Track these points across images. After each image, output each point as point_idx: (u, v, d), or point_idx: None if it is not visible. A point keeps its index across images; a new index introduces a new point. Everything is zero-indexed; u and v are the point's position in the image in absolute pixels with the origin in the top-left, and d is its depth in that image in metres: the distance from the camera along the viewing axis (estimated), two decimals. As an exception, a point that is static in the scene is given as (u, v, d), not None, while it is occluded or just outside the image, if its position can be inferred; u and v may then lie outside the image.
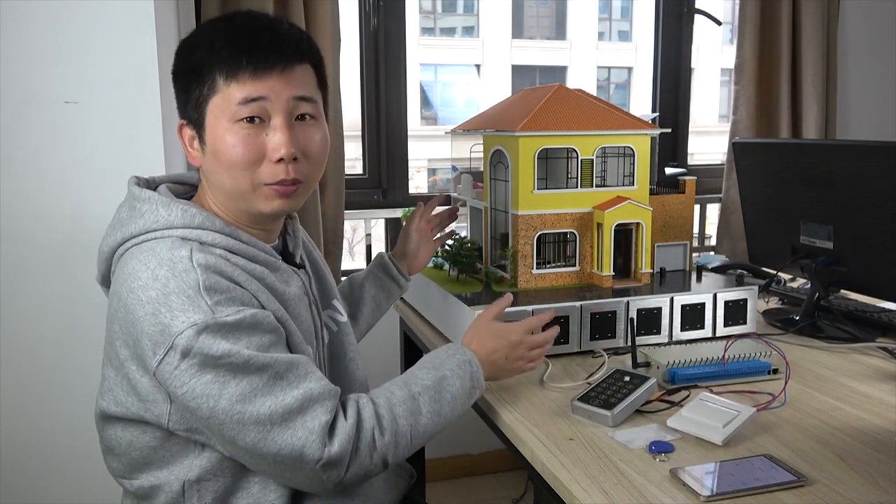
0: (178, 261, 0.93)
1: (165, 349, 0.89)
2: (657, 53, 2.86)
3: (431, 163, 10.64)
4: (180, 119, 1.05)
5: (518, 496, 2.50)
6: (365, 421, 0.97)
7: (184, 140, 1.06)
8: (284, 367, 0.93)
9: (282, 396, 0.91)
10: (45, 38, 1.68)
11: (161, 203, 1.00)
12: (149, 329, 0.90)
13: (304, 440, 0.91)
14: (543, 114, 1.45)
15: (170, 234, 0.98)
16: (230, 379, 0.89)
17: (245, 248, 1.01)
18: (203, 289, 0.91)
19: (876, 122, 2.89)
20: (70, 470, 1.81)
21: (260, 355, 0.92)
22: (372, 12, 2.46)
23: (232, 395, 0.89)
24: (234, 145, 0.99)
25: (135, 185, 1.06)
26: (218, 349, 0.89)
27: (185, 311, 0.89)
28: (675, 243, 1.62)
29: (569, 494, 0.93)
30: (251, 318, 0.93)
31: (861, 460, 0.98)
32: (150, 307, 0.90)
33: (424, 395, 1.04)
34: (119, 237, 1.01)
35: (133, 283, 0.93)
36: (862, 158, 1.43)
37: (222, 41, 0.99)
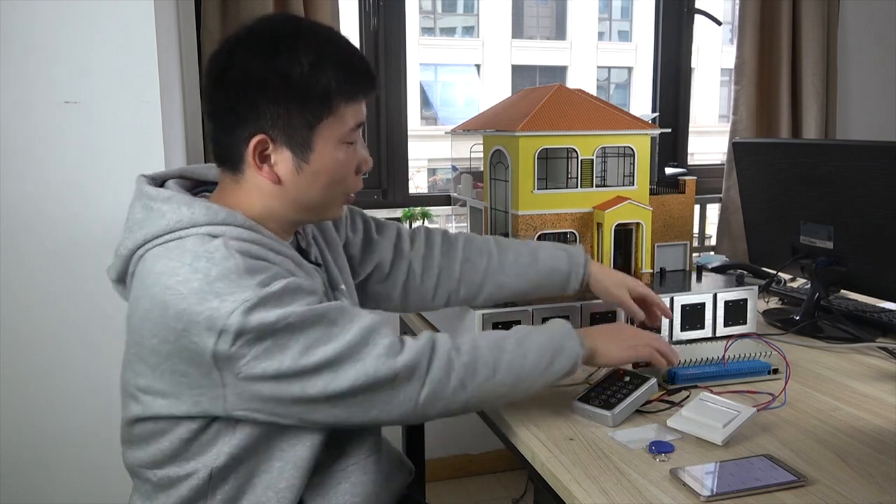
0: (215, 249, 0.93)
1: (219, 330, 0.89)
2: (657, 53, 2.86)
3: (431, 163, 10.65)
4: (259, 133, 0.99)
5: (518, 496, 2.50)
6: (439, 339, 1.00)
7: (255, 154, 1.00)
8: (335, 313, 0.95)
9: (342, 338, 0.94)
10: (45, 38, 1.68)
11: (183, 202, 0.99)
12: (199, 317, 0.90)
13: (374, 364, 0.94)
14: (543, 114, 1.45)
15: (195, 231, 0.97)
16: (288, 339, 0.91)
17: (270, 244, 1.01)
18: (245, 271, 0.92)
19: (876, 122, 2.89)
20: (70, 470, 1.81)
21: (310, 311, 0.93)
22: (372, 12, 2.46)
23: (295, 353, 0.91)
24: (343, 164, 1.04)
25: (147, 184, 1.04)
26: (272, 317, 0.90)
27: (233, 293, 0.90)
28: (675, 243, 1.62)
29: (569, 494, 0.93)
30: (294, 285, 0.95)
31: (861, 460, 0.98)
32: (196, 297, 0.90)
33: (510, 338, 1.06)
34: (140, 238, 0.99)
35: (170, 280, 0.92)
36: (862, 158, 1.43)
37: (341, 66, 1.00)
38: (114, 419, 1.80)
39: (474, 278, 1.31)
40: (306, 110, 0.99)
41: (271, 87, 0.97)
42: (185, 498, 1.00)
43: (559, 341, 1.08)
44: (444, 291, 1.32)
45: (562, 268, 1.32)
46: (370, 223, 1.31)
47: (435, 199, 2.63)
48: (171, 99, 1.91)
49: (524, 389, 1.06)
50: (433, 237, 1.34)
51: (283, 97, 0.97)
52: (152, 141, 1.75)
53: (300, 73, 0.97)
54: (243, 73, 0.98)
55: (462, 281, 1.31)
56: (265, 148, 0.99)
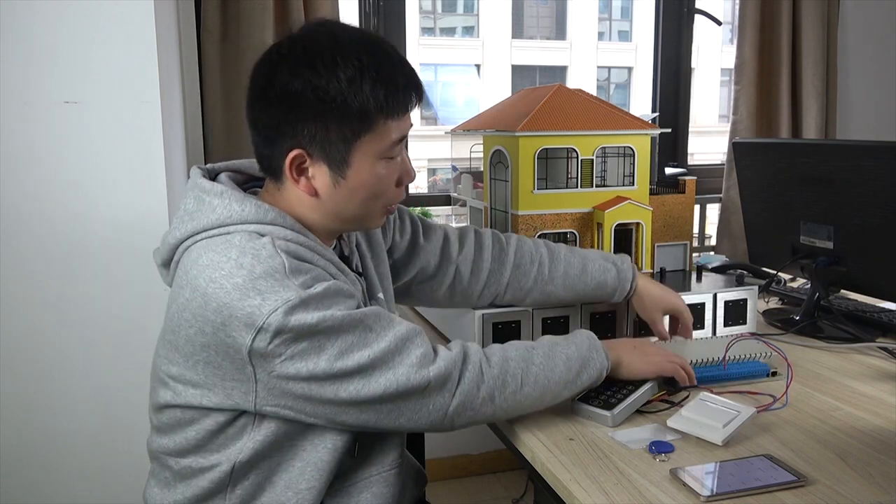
0: (262, 247, 0.94)
1: (258, 327, 0.89)
2: (657, 53, 2.86)
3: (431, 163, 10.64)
4: (296, 148, 0.99)
5: (518, 496, 2.50)
6: (471, 350, 1.01)
7: (292, 168, 1.00)
8: (372, 319, 0.96)
9: (376, 345, 0.94)
10: (45, 38, 1.68)
11: (235, 198, 1.00)
12: (239, 313, 0.90)
13: (406, 373, 0.95)
14: (543, 114, 1.45)
15: (243, 228, 0.98)
16: (325, 342, 0.92)
17: (314, 247, 1.02)
18: (289, 271, 0.93)
19: (876, 122, 2.89)
20: (70, 471, 1.81)
21: (349, 316, 0.94)
22: (372, 12, 2.46)
23: (330, 356, 0.92)
24: (383, 178, 1.03)
25: (201, 177, 1.04)
26: (312, 318, 0.91)
27: (275, 292, 0.90)
28: (675, 243, 1.62)
29: (569, 494, 0.93)
30: (335, 287, 0.95)
31: (861, 460, 0.98)
32: (238, 293, 0.91)
33: (538, 349, 1.07)
34: (189, 229, 1.00)
35: (215, 274, 0.93)
36: (862, 158, 1.43)
37: (381, 81, 0.98)
38: (114, 420, 1.81)
39: (523, 284, 1.32)
40: (344, 127, 0.98)
41: (308, 103, 0.97)
42: (204, 490, 1.01)
43: (586, 354, 1.10)
44: (490, 294, 1.33)
45: (609, 283, 1.34)
46: (418, 226, 1.31)
47: (435, 199, 2.63)
48: (171, 99, 1.91)
49: (550, 401, 1.08)
50: (484, 240, 1.33)
51: (319, 114, 0.97)
52: (152, 141, 1.75)
53: (337, 89, 0.96)
54: (281, 89, 0.97)
55: (510, 286, 1.32)
56: (302, 162, 1.00)
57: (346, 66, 0.96)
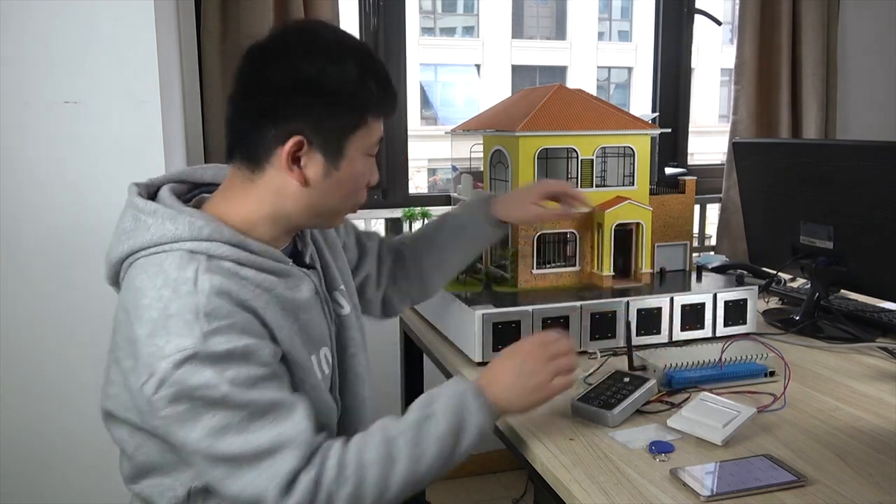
0: (183, 282, 0.92)
1: (150, 372, 0.88)
2: (657, 53, 2.86)
3: (431, 163, 10.65)
4: (297, 134, 0.98)
5: (518, 496, 2.50)
6: (327, 471, 0.92)
7: (289, 155, 0.98)
8: (265, 407, 0.91)
9: (253, 437, 0.90)
10: (45, 39, 1.68)
11: (167, 216, 0.98)
12: (144, 349, 0.90)
13: (266, 485, 0.89)
14: (543, 114, 1.45)
15: (178, 247, 0.96)
16: (204, 411, 0.89)
17: (254, 259, 0.99)
18: (203, 314, 0.90)
19: (876, 122, 2.89)
20: (71, 472, 1.81)
21: (238, 392, 0.89)
22: (372, 12, 2.46)
23: (204, 428, 0.89)
24: (364, 175, 1.05)
25: (136, 195, 1.03)
26: (198, 381, 0.88)
27: (179, 336, 0.88)
28: (675, 243, 1.62)
29: (569, 494, 0.93)
30: (243, 349, 0.91)
31: (861, 460, 0.98)
32: (149, 327, 0.90)
33: (402, 438, 0.96)
34: (126, 249, 0.99)
35: (140, 301, 0.92)
36: (862, 158, 1.43)
37: (378, 82, 1.01)
38: (114, 419, 1.81)
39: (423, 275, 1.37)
40: (346, 118, 1.00)
41: (318, 90, 0.97)
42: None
43: (459, 421, 0.98)
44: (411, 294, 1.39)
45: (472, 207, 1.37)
46: (355, 226, 1.34)
47: (435, 199, 2.63)
48: (171, 99, 1.91)
49: (430, 480, 0.99)
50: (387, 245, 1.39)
51: (327, 102, 0.98)
52: (152, 141, 1.75)
53: (348, 81, 0.98)
54: (293, 73, 0.97)
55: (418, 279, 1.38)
56: (299, 149, 0.98)
57: (355, 62, 0.99)
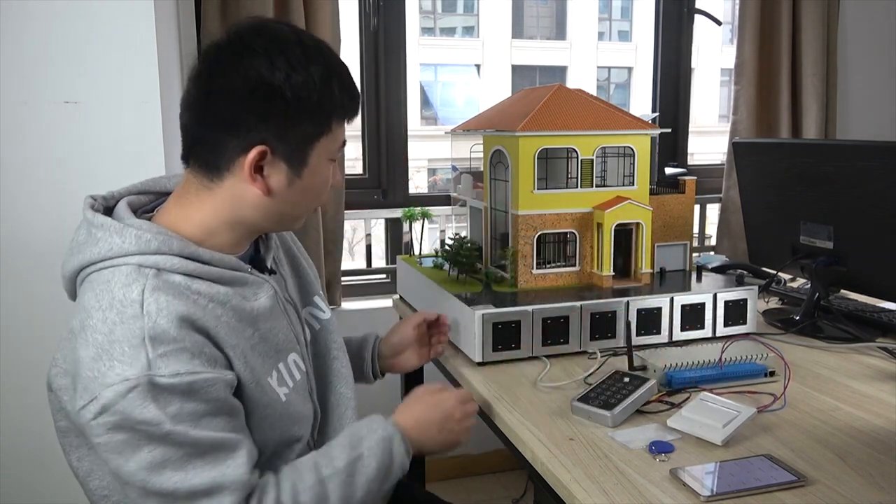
0: (129, 304, 0.88)
1: (91, 397, 0.85)
2: (657, 53, 2.86)
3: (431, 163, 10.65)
4: (260, 144, 0.94)
5: (518, 496, 2.50)
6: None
7: (251, 164, 0.95)
8: (206, 447, 0.89)
9: (191, 475, 0.88)
10: (45, 38, 1.68)
11: (115, 230, 0.95)
12: (85, 371, 0.87)
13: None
14: (543, 114, 1.45)
15: (125, 262, 0.93)
16: (144, 444, 0.86)
17: (206, 270, 0.95)
18: (148, 338, 0.86)
19: (876, 122, 2.89)
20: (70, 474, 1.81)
21: (181, 430, 0.86)
22: (372, 12, 2.46)
23: (141, 461, 0.86)
24: (327, 180, 1.03)
25: (88, 207, 1.00)
26: (141, 415, 0.85)
27: (122, 363, 0.85)
28: (675, 243, 1.62)
29: (569, 494, 0.93)
30: (187, 386, 0.87)
31: (861, 460, 0.98)
32: (93, 350, 0.87)
33: (334, 480, 0.98)
34: (77, 263, 0.97)
35: (86, 321, 0.90)
36: (862, 158, 1.43)
37: (341, 87, 0.99)
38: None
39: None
40: (310, 125, 0.97)
41: (283, 98, 0.93)
42: None
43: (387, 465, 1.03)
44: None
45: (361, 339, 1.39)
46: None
47: (435, 199, 2.63)
48: (171, 99, 1.91)
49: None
50: None
51: (292, 111, 0.94)
52: (152, 141, 1.75)
53: (312, 88, 0.95)
54: (255, 79, 0.93)
55: None
56: (261, 158, 0.95)
57: (318, 65, 0.96)
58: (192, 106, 0.97)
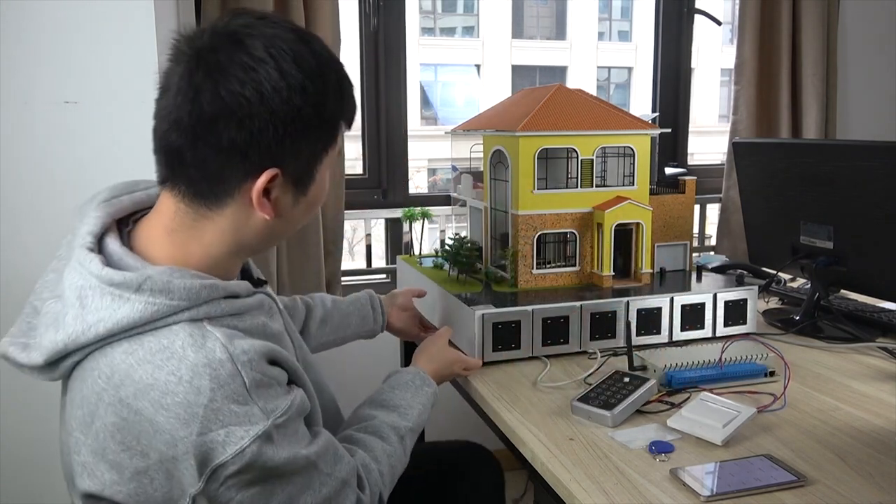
0: (219, 365, 0.80)
1: (214, 467, 0.80)
2: (657, 53, 2.86)
3: (431, 163, 10.64)
4: (272, 168, 0.85)
5: (518, 496, 2.50)
6: (374, 486, 1.00)
7: (258, 191, 0.86)
8: (321, 457, 0.91)
9: (319, 489, 0.90)
10: (45, 39, 1.68)
11: (158, 287, 0.82)
12: (197, 450, 0.79)
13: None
14: (543, 114, 1.45)
15: (174, 320, 0.82)
16: (276, 486, 0.85)
17: (244, 304, 0.90)
18: (250, 389, 0.81)
19: (876, 122, 2.89)
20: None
21: (310, 454, 0.88)
22: (372, 12, 2.46)
23: (280, 501, 0.86)
24: (325, 188, 0.96)
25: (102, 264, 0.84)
26: (279, 458, 0.83)
27: (241, 425, 0.80)
28: (675, 243, 1.62)
29: (569, 494, 0.93)
30: (296, 410, 0.87)
31: (861, 460, 0.98)
32: (197, 426, 0.78)
33: (408, 437, 1.11)
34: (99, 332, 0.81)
35: (166, 400, 0.79)
36: (862, 158, 1.43)
37: (346, 92, 0.91)
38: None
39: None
40: (322, 140, 0.90)
41: (301, 116, 0.84)
42: None
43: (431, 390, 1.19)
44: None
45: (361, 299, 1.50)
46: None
47: (435, 199, 2.63)
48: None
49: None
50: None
51: (308, 128, 0.87)
52: (152, 141, 1.74)
53: (326, 100, 0.87)
54: (267, 100, 0.82)
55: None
56: (271, 181, 0.86)
57: (329, 72, 0.88)
58: (187, 128, 0.86)
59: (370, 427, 1.08)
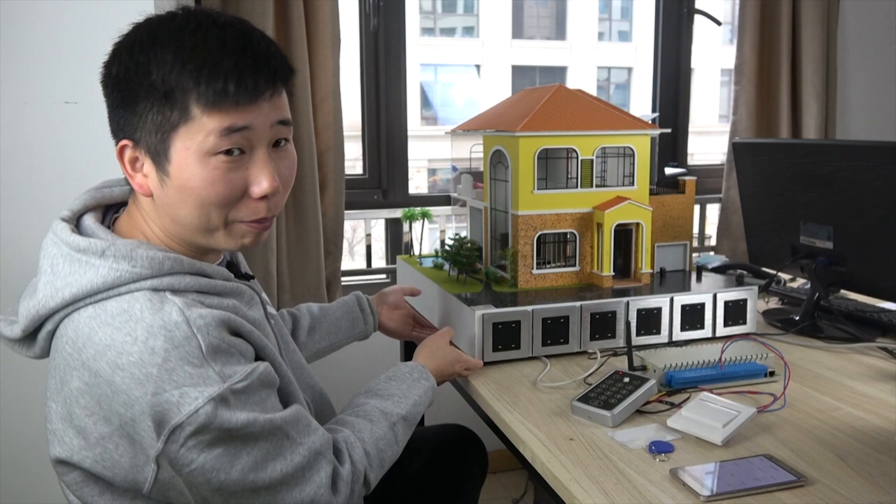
0: (174, 327, 0.82)
1: (171, 428, 0.80)
2: (657, 53, 2.86)
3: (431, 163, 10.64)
4: (122, 139, 0.90)
5: (518, 496, 2.50)
6: (357, 463, 1.00)
7: (125, 163, 0.91)
8: (290, 425, 0.90)
9: (290, 457, 0.90)
10: (45, 39, 1.68)
11: (121, 253, 0.86)
12: (152, 410, 0.80)
13: (313, 493, 0.92)
14: (543, 114, 1.45)
15: (137, 287, 0.86)
16: (241, 449, 0.85)
17: (214, 285, 0.92)
18: (207, 354, 0.83)
19: (876, 122, 2.90)
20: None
21: (273, 418, 0.87)
22: (372, 12, 2.46)
23: (244, 466, 0.85)
24: (213, 182, 0.87)
25: (70, 231, 0.90)
26: (237, 421, 0.83)
27: (194, 385, 0.81)
28: (675, 243, 1.62)
29: (569, 494, 0.93)
30: (257, 378, 0.87)
31: (861, 460, 0.98)
32: (151, 385, 0.80)
33: (400, 425, 1.10)
34: (66, 296, 0.86)
35: (121, 359, 0.81)
36: (862, 158, 1.43)
37: (199, 62, 0.84)
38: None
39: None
40: (148, 109, 0.86)
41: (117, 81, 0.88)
42: None
43: (428, 403, 1.19)
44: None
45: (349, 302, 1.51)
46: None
47: (435, 199, 2.63)
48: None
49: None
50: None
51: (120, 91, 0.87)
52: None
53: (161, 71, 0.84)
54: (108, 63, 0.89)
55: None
56: (134, 155, 0.90)
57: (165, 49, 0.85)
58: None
59: (360, 412, 1.09)
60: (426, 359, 1.26)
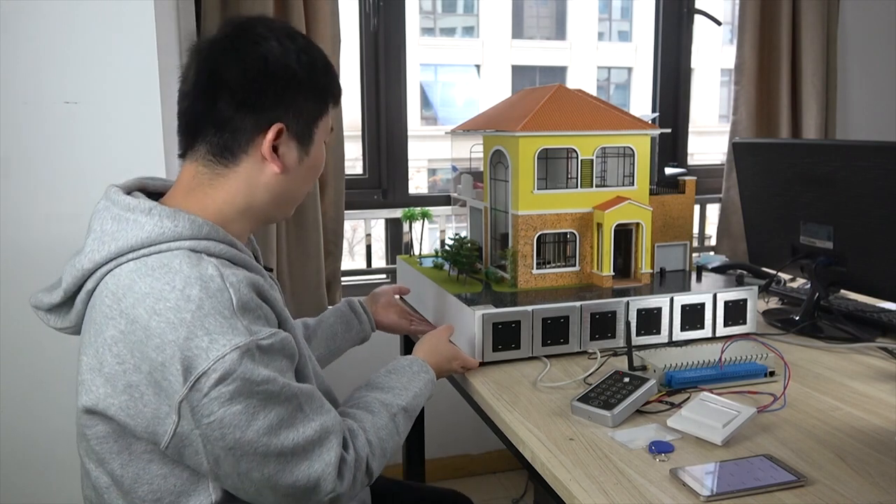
0: (210, 279, 0.88)
1: (198, 374, 0.84)
2: (657, 53, 2.86)
3: (431, 163, 10.64)
4: (278, 122, 0.99)
5: (518, 496, 2.50)
6: (360, 450, 1.01)
7: (270, 143, 0.99)
8: (305, 398, 0.93)
9: (303, 429, 0.91)
10: (45, 39, 1.68)
11: (165, 214, 0.93)
12: (182, 354, 0.84)
13: (321, 472, 0.93)
14: (543, 114, 1.45)
15: (178, 245, 0.92)
16: (260, 409, 0.87)
17: (244, 259, 0.98)
18: (237, 308, 0.88)
19: (876, 122, 2.89)
20: (70, 471, 1.81)
21: (292, 384, 0.91)
22: (372, 12, 2.46)
23: (260, 427, 0.87)
24: (324, 159, 1.10)
25: (123, 194, 0.98)
26: (259, 375, 0.86)
27: (223, 334, 0.85)
28: (675, 243, 1.62)
29: (569, 494, 0.93)
30: (280, 342, 0.92)
31: (861, 460, 0.98)
32: (185, 330, 0.84)
33: (400, 416, 1.12)
34: (112, 250, 0.93)
35: (158, 305, 0.86)
36: (862, 158, 1.43)
37: (332, 71, 1.06)
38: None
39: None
40: (315, 104, 1.03)
41: (294, 77, 1.00)
42: None
43: (428, 395, 1.21)
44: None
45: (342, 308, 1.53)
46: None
47: (435, 199, 2.63)
48: (171, 99, 1.90)
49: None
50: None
51: (303, 89, 1.01)
52: (152, 141, 1.75)
53: (317, 68, 1.03)
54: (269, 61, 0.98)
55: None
56: (278, 137, 1.00)
57: (318, 50, 1.05)
58: (200, 94, 0.99)
59: (361, 403, 1.11)
60: (425, 353, 1.27)
